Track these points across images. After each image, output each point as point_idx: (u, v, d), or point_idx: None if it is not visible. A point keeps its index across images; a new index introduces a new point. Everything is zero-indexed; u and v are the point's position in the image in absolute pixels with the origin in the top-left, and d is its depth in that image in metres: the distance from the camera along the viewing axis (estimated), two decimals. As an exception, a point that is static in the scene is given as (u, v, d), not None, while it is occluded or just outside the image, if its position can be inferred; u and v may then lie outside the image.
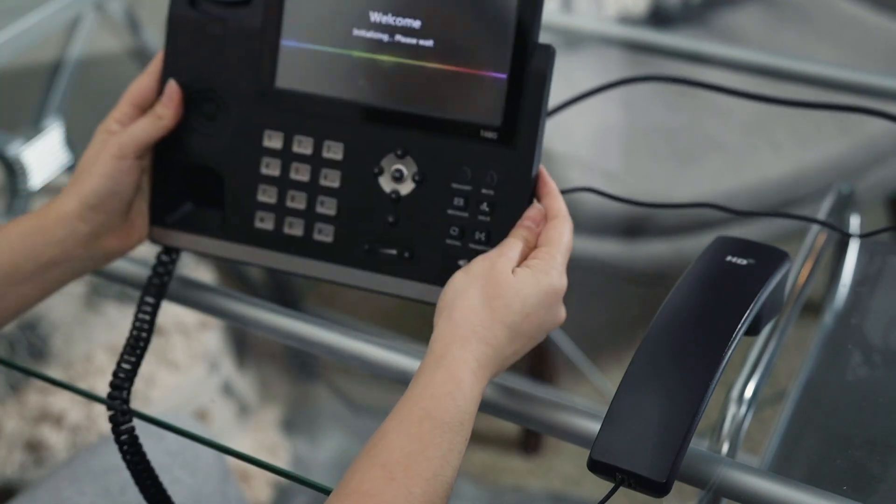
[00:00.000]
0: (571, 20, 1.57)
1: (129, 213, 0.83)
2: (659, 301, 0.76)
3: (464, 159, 0.79)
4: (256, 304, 0.87)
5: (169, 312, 1.47)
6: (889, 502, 0.81)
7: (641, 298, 1.80)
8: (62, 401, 1.37)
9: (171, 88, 0.83)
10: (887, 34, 1.95)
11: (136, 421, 0.81)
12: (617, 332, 1.88)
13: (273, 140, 0.82)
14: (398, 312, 1.92)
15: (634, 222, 1.64)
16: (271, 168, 0.82)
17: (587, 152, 1.69)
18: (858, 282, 0.99)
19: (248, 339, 1.68)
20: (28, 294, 0.81)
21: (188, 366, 1.49)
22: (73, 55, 1.47)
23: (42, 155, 1.41)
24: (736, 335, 0.72)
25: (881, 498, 0.81)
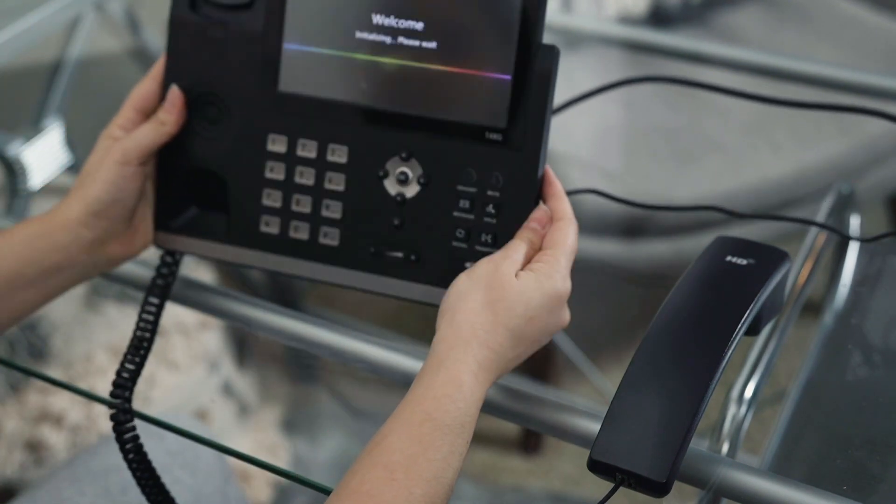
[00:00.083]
0: (571, 20, 1.57)
1: (133, 219, 0.83)
2: (659, 301, 0.76)
3: (469, 161, 0.78)
4: (257, 305, 0.86)
5: (169, 312, 1.45)
6: (889, 502, 0.81)
7: (641, 298, 1.80)
8: (62, 401, 1.37)
9: (174, 94, 0.83)
10: (887, 34, 1.95)
11: (136, 421, 0.81)
12: (617, 332, 1.88)
13: (277, 144, 0.82)
14: (399, 313, 1.91)
15: (634, 222, 1.64)
16: (276, 172, 0.82)
17: (587, 152, 1.69)
18: (858, 282, 0.99)
19: (248, 340, 1.68)
20: (30, 299, 0.81)
21: (188, 366, 1.48)
22: (73, 55, 1.47)
23: (42, 155, 1.41)
24: (736, 335, 0.72)
25: (881, 498, 0.81)
